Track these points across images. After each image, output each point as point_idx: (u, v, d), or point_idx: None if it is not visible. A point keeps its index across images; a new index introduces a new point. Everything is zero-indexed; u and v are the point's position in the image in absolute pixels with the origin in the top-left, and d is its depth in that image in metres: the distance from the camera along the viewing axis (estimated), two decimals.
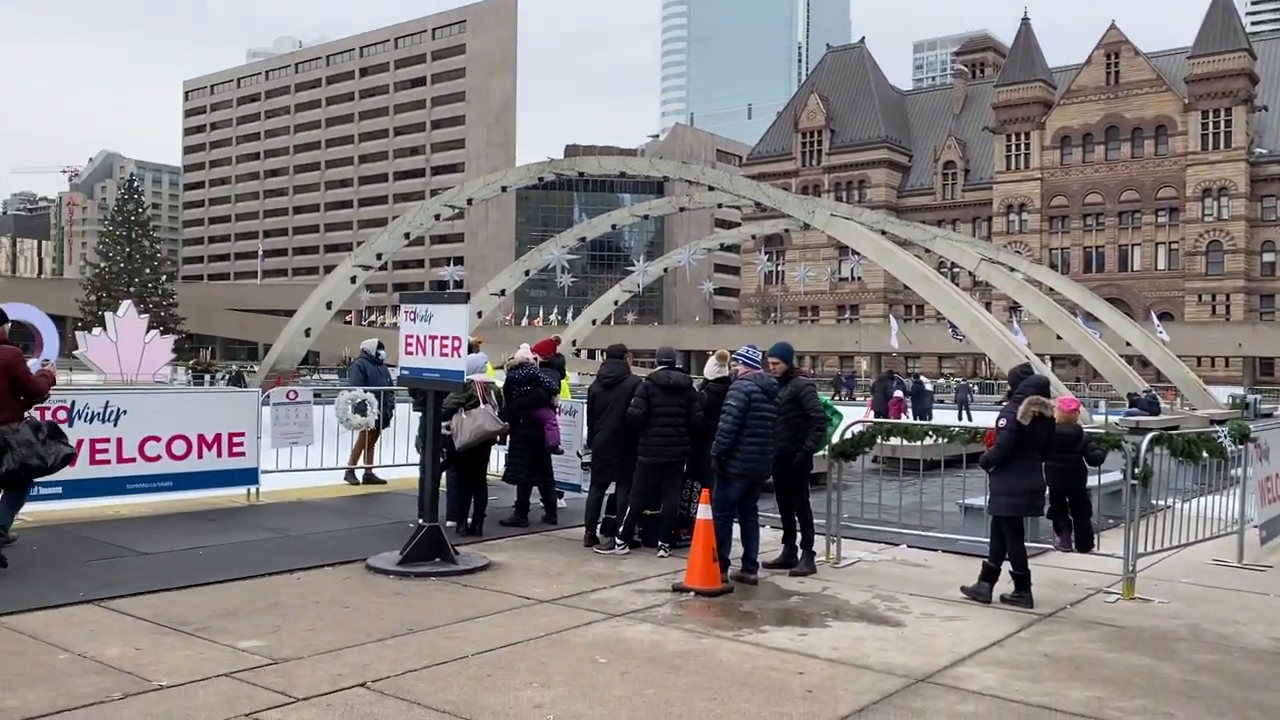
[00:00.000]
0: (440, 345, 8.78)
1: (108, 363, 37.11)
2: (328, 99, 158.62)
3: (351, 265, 34.85)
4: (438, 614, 7.10)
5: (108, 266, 79.76)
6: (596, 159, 36.81)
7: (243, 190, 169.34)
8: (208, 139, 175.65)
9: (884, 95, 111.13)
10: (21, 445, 8.04)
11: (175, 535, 9.70)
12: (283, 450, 12.68)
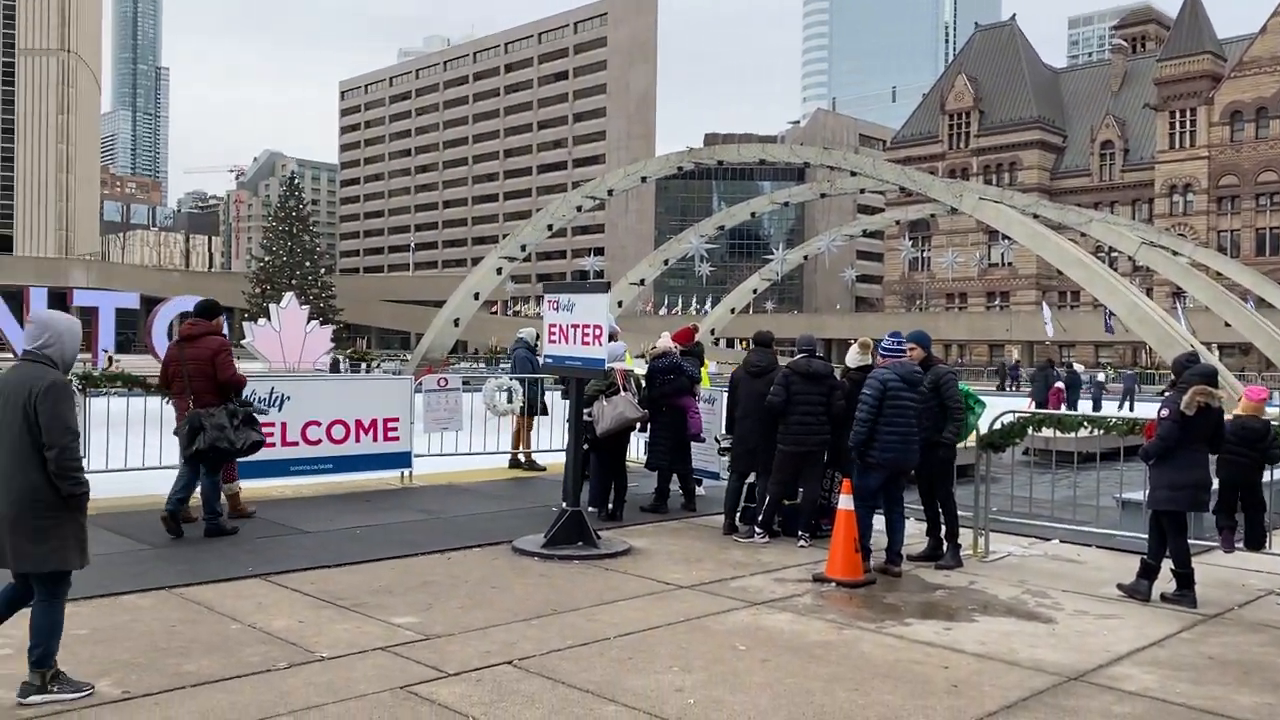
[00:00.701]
0: (582, 334, 8.95)
1: (272, 351, 39.15)
2: (474, 95, 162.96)
3: (497, 257, 35.81)
4: (580, 596, 7.25)
5: (271, 260, 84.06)
6: (736, 147, 36.67)
7: (395, 185, 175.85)
8: (362, 137, 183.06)
9: (1036, 74, 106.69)
10: (214, 428, 8.66)
11: (334, 515, 10.20)
12: (434, 435, 13.15)
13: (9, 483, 4.85)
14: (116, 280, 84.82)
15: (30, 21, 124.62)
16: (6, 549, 4.86)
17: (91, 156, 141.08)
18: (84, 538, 5.05)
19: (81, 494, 4.94)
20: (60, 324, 5.06)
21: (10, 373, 5.03)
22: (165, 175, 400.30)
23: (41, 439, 4.81)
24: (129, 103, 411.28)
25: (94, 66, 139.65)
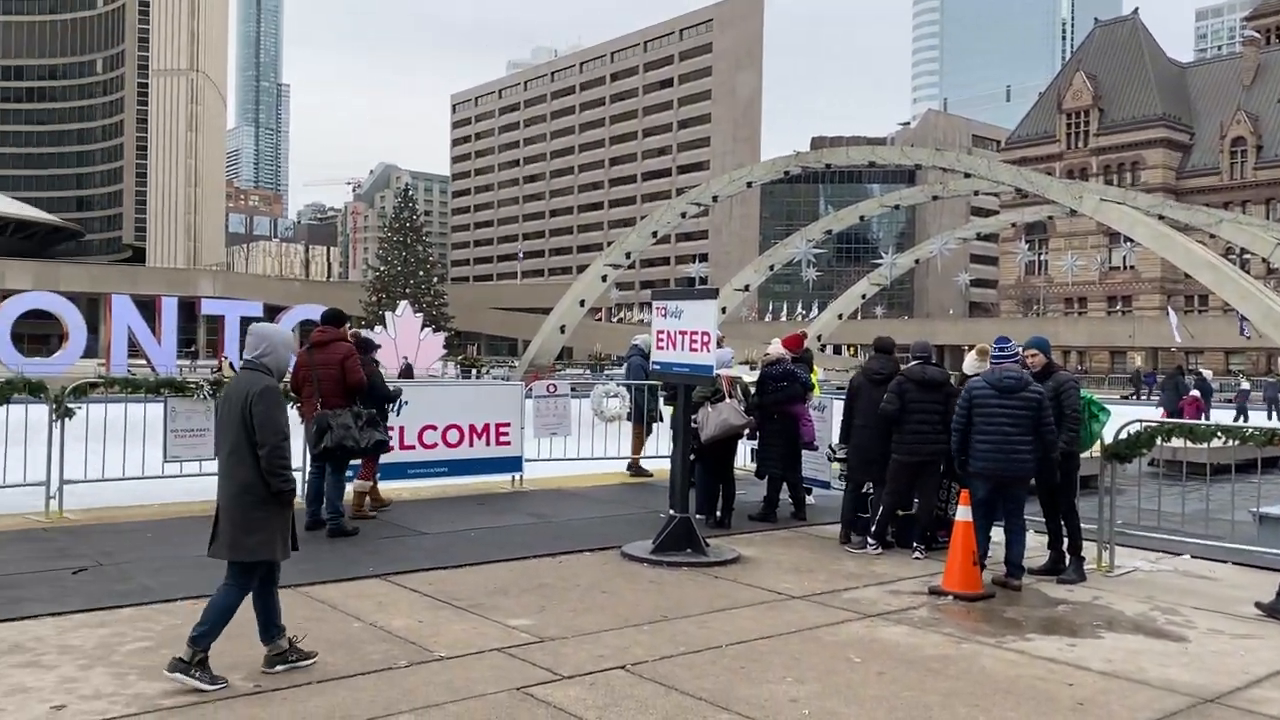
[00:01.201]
0: (690, 340, 8.95)
1: (388, 358, 40.31)
2: (581, 105, 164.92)
3: (602, 264, 36.16)
4: (691, 603, 7.25)
5: (386, 270, 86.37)
6: (845, 150, 36.23)
7: (504, 196, 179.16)
8: (472, 148, 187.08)
9: (1160, 69, 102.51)
10: (339, 428, 9.18)
11: (450, 517, 10.43)
12: (543, 440, 13.34)
13: (230, 478, 5.37)
14: (241, 290, 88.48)
15: (163, 44, 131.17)
16: (226, 540, 5.34)
17: (217, 171, 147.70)
18: (288, 532, 5.51)
19: (288, 490, 5.36)
20: (275, 336, 5.58)
21: (233, 380, 5.58)
22: (286, 188, 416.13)
23: (255, 438, 5.25)
24: (252, 119, 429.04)
25: (220, 85, 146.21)
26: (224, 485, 5.41)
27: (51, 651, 5.71)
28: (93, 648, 5.80)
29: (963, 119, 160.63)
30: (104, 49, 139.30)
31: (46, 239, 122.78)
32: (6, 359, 32.08)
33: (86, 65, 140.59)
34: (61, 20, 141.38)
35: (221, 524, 5.38)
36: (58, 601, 6.74)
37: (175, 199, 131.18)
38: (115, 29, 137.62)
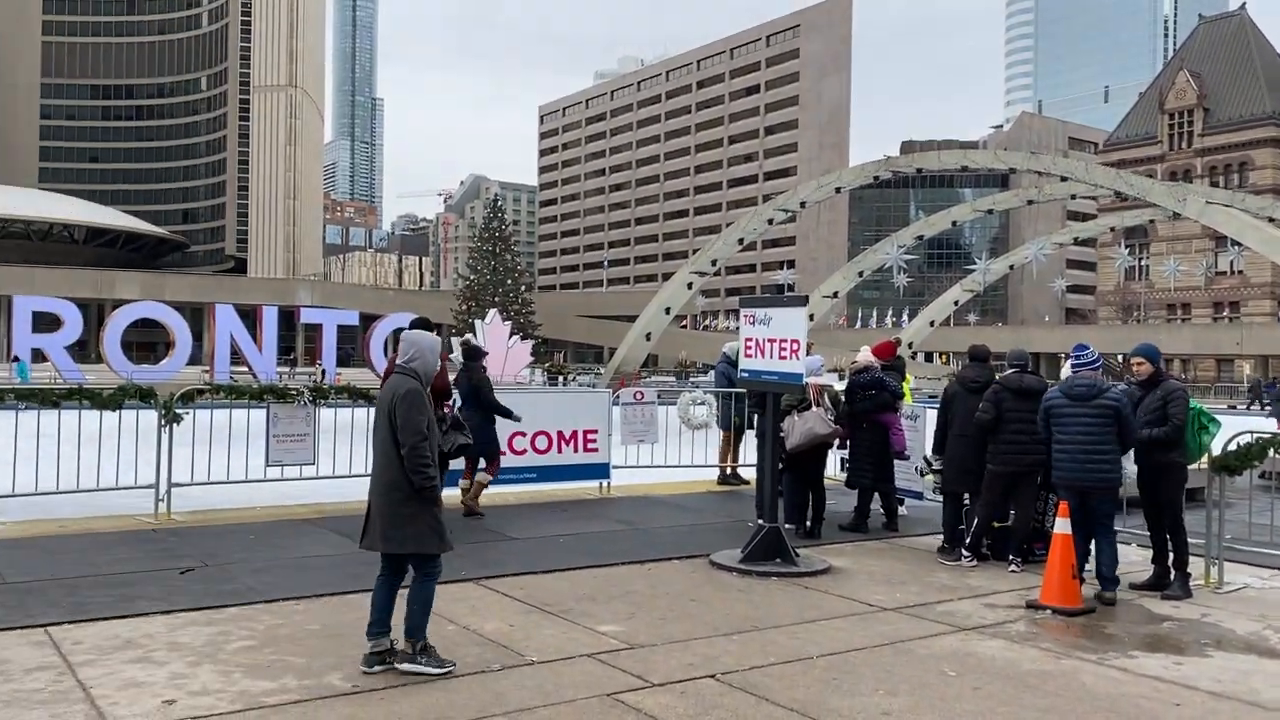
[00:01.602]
0: (779, 348, 8.89)
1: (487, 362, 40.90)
2: (667, 113, 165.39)
3: (688, 272, 36.17)
4: (780, 613, 7.20)
5: (476, 278, 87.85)
6: (936, 154, 35.62)
7: (590, 204, 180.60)
8: (559, 159, 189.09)
9: (1270, 66, 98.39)
10: None
11: (539, 523, 10.54)
12: (630, 447, 13.39)
13: (379, 476, 5.70)
14: (337, 299, 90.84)
15: (263, 61, 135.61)
16: (378, 532, 5.68)
17: (315, 184, 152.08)
18: (440, 526, 5.72)
19: (429, 487, 5.61)
20: (424, 343, 5.88)
21: (385, 385, 5.89)
22: (380, 200, 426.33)
23: (399, 439, 5.56)
24: (348, 132, 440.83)
25: (318, 100, 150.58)
26: (375, 482, 5.76)
27: (162, 648, 5.94)
28: (200, 645, 6.01)
29: (1058, 121, 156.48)
30: (208, 67, 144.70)
31: (154, 250, 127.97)
32: (117, 366, 33.48)
33: (192, 83, 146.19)
34: (169, 40, 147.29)
35: (373, 518, 5.73)
36: (167, 600, 7.00)
37: (275, 211, 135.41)
38: (219, 48, 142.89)
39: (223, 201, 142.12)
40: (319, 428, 11.33)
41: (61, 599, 6.96)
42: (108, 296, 77.17)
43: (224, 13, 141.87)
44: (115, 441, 10.24)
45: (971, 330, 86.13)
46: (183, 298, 72.56)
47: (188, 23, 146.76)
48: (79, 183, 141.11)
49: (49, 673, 5.43)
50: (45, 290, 60.99)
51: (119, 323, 36.02)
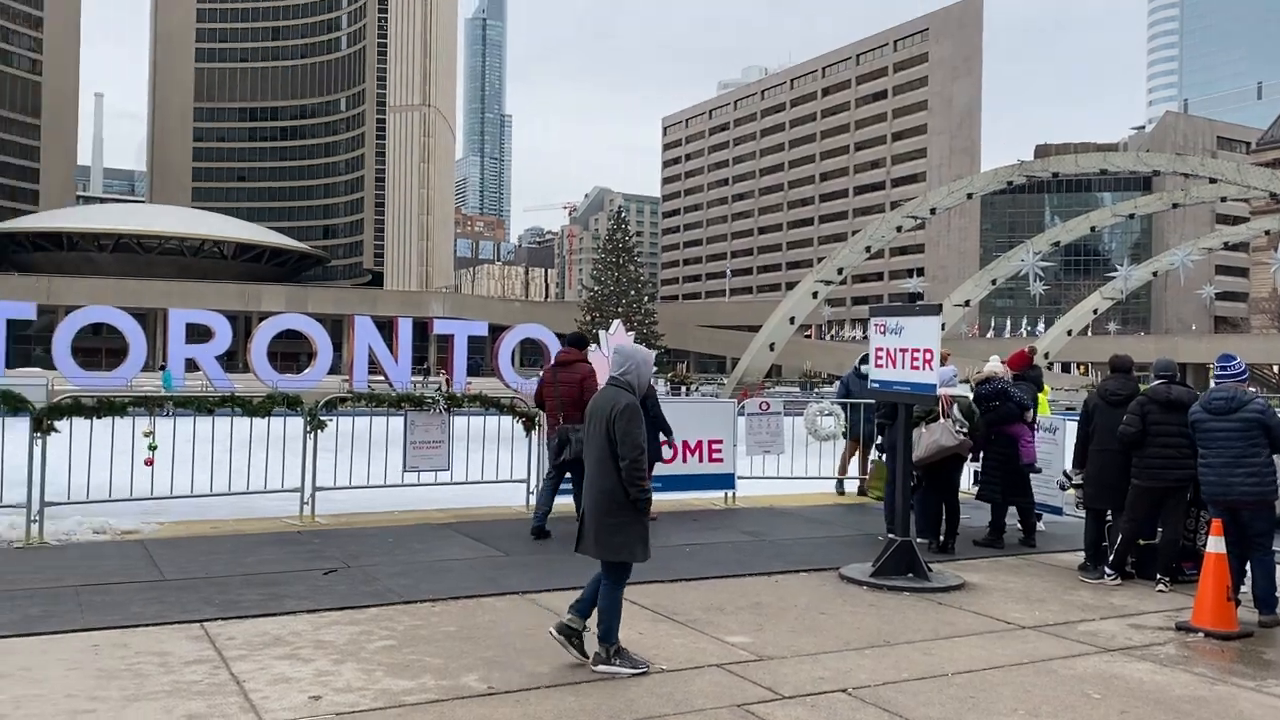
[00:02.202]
0: (911, 358, 8.72)
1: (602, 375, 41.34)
2: (791, 121, 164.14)
3: (813, 281, 35.76)
4: (913, 629, 7.04)
5: (600, 289, 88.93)
6: (1074, 157, 34.32)
7: (713, 215, 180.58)
8: (683, 169, 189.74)
9: None
10: (578, 442, 9.92)
11: (665, 533, 10.57)
12: (755, 457, 13.32)
13: (594, 484, 5.93)
14: (467, 310, 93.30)
15: (399, 82, 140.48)
16: (591, 539, 5.90)
17: (447, 199, 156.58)
18: (646, 536, 5.95)
19: (644, 499, 5.83)
20: (638, 355, 6.07)
21: (598, 396, 6.12)
22: (508, 214, 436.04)
23: (616, 451, 5.75)
24: (478, 149, 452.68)
25: (449, 118, 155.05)
26: (589, 491, 5.98)
27: (308, 646, 6.20)
28: (344, 644, 6.25)
29: (1205, 120, 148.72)
30: (347, 89, 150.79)
31: (297, 265, 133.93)
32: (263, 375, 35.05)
33: (332, 104, 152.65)
34: (311, 64, 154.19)
35: (587, 525, 5.95)
36: (312, 599, 7.31)
37: (409, 226, 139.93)
38: (357, 70, 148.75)
39: (361, 218, 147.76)
40: (453, 435, 11.66)
41: (215, 596, 7.34)
42: (254, 309, 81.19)
43: (361, 36, 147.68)
44: (264, 447, 10.74)
45: (1112, 340, 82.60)
46: (324, 310, 75.74)
47: (328, 46, 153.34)
48: (228, 201, 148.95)
49: (205, 666, 5.74)
50: (197, 303, 64.49)
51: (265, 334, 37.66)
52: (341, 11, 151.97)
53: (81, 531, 9.43)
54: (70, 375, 31.05)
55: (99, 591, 7.36)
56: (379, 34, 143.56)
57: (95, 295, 71.69)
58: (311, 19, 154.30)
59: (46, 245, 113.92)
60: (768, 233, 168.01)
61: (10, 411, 9.26)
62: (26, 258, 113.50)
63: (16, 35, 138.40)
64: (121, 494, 10.09)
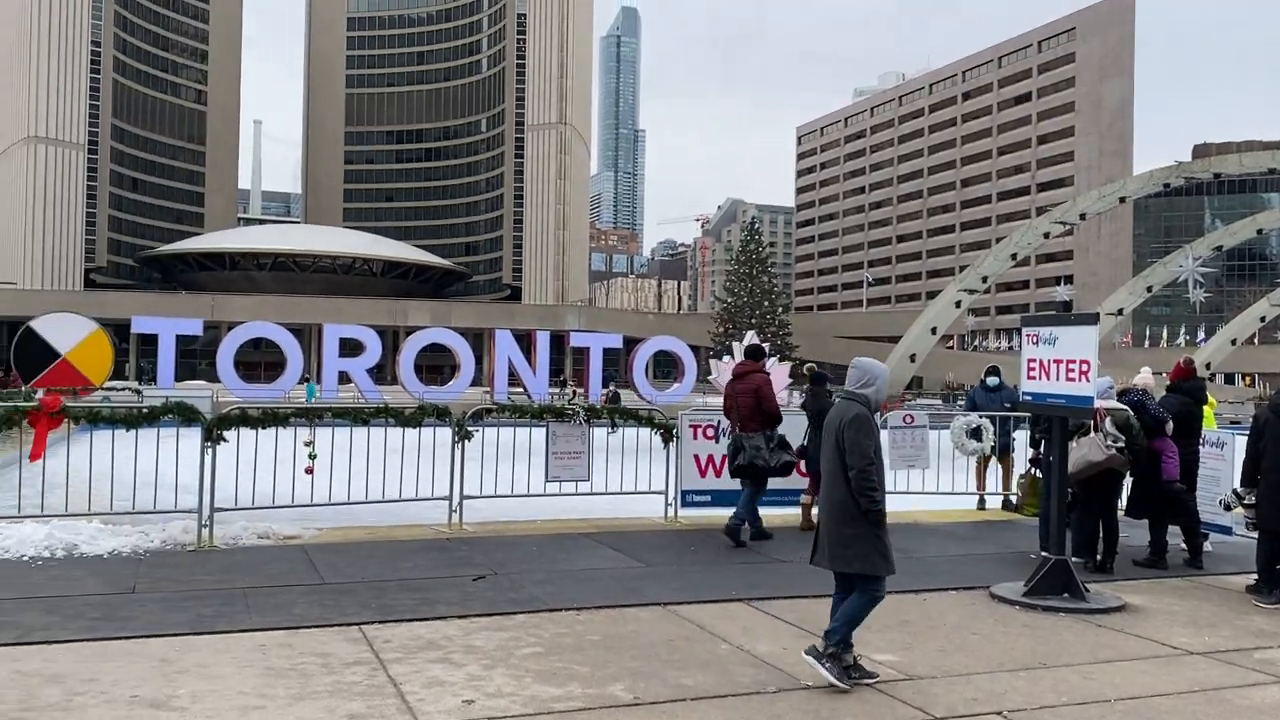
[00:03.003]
0: (1066, 369, 8.38)
1: None
2: (930, 127, 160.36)
3: (956, 290, 34.79)
4: (1070, 652, 6.76)
5: (733, 301, 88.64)
6: (1237, 157, 32.41)
7: (849, 224, 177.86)
8: (817, 178, 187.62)
9: None
10: (751, 449, 10.41)
11: (805, 545, 10.39)
12: (899, 472, 13.01)
13: (828, 496, 6.01)
14: (602, 323, 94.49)
15: (536, 102, 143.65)
16: (826, 550, 5.97)
17: (582, 215, 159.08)
18: (885, 548, 5.91)
19: (876, 510, 5.80)
20: (875, 370, 6.12)
21: (833, 409, 6.19)
22: (641, 227, 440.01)
23: (846, 461, 5.79)
24: (611, 164, 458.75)
25: (585, 135, 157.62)
26: (823, 502, 6.06)
27: (459, 650, 6.38)
28: (493, 649, 6.41)
29: None
30: (487, 109, 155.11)
31: (441, 281, 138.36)
32: (410, 387, 36.32)
33: (473, 125, 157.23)
34: (453, 87, 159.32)
35: (822, 537, 6.02)
36: (462, 605, 7.52)
37: (546, 242, 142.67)
38: (496, 91, 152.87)
39: (500, 234, 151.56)
40: (592, 445, 11.81)
41: (371, 600, 7.63)
42: (401, 324, 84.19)
43: (501, 58, 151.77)
44: (415, 456, 11.12)
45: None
46: (466, 324, 77.90)
47: (469, 69, 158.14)
48: (377, 220, 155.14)
49: (364, 668, 5.97)
50: (349, 318, 67.30)
51: (412, 348, 39.02)
52: (482, 35, 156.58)
53: (247, 536, 9.96)
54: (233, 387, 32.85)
55: (265, 594, 7.75)
56: (518, 56, 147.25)
57: (255, 311, 75.70)
58: (454, 43, 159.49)
59: (211, 265, 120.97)
60: (906, 241, 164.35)
61: (184, 422, 9.86)
62: (193, 277, 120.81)
63: (184, 69, 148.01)
64: (283, 500, 10.60)
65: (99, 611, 7.07)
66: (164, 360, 31.96)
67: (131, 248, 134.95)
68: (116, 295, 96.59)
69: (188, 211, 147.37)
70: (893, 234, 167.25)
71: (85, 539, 9.31)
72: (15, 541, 9.09)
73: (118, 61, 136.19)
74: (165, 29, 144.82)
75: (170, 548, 9.45)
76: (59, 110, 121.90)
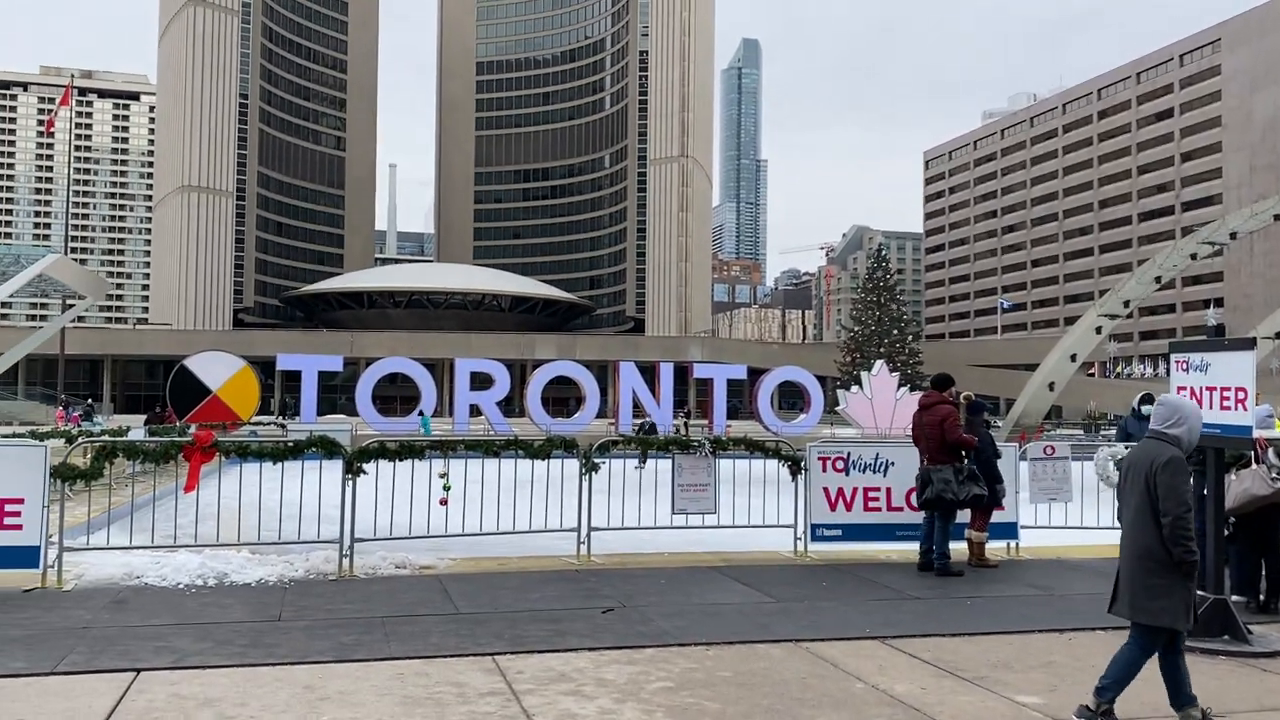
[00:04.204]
0: (1221, 398, 7.93)
1: (864, 417, 40.48)
2: (1064, 148, 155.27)
3: (1096, 315, 33.40)
4: (1233, 698, 6.34)
5: (860, 330, 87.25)
6: None
7: (980, 249, 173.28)
8: (946, 203, 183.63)
9: None
10: (939, 481, 10.41)
11: (943, 582, 10.13)
12: (1040, 505, 12.51)
13: (1132, 542, 5.67)
14: (725, 354, 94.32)
15: (658, 136, 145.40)
16: (1127, 600, 5.66)
17: (704, 246, 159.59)
18: (1192, 600, 5.63)
19: (1190, 561, 5.46)
20: (1187, 408, 5.82)
21: (1137, 449, 5.93)
22: (764, 257, 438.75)
23: (1157, 506, 5.49)
24: (733, 195, 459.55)
25: (706, 167, 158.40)
26: (1126, 547, 5.73)
27: (590, 683, 6.39)
28: (623, 683, 6.40)
29: None
30: (610, 146, 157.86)
31: (566, 314, 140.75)
32: (538, 419, 36.99)
33: (596, 161, 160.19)
34: (577, 125, 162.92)
35: (1122, 584, 5.70)
36: (592, 637, 7.55)
37: (669, 274, 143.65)
38: (619, 127, 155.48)
39: (623, 268, 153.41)
40: (718, 477, 11.75)
41: (504, 631, 7.74)
42: (528, 357, 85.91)
43: (624, 95, 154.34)
44: (544, 487, 11.27)
45: None
46: (590, 356, 78.96)
47: (593, 107, 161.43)
48: (505, 257, 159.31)
49: (498, 698, 6.04)
50: (479, 353, 69.04)
51: (539, 380, 39.80)
52: (605, 73, 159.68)
53: (385, 566, 10.25)
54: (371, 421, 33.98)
55: (402, 622, 7.95)
56: (640, 92, 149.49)
57: (390, 347, 78.49)
58: (578, 82, 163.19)
59: (350, 303, 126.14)
60: (1041, 265, 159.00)
61: (326, 455, 10.25)
62: (334, 315, 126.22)
63: (324, 117, 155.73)
64: (419, 531, 10.89)
65: (247, 638, 7.37)
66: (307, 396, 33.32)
67: (276, 288, 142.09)
68: (263, 334, 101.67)
69: (328, 253, 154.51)
70: (1027, 258, 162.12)
71: (235, 568, 9.75)
72: (171, 570, 9.59)
73: (263, 112, 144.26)
74: (307, 80, 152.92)
75: (313, 577, 9.81)
76: (210, 160, 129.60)
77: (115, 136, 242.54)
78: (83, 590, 9.05)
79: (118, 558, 9.99)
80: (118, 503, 12.18)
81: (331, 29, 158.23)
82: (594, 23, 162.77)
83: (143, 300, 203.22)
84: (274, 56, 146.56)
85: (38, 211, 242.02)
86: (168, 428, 22.16)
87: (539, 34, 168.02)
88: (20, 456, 9.28)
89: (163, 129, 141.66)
